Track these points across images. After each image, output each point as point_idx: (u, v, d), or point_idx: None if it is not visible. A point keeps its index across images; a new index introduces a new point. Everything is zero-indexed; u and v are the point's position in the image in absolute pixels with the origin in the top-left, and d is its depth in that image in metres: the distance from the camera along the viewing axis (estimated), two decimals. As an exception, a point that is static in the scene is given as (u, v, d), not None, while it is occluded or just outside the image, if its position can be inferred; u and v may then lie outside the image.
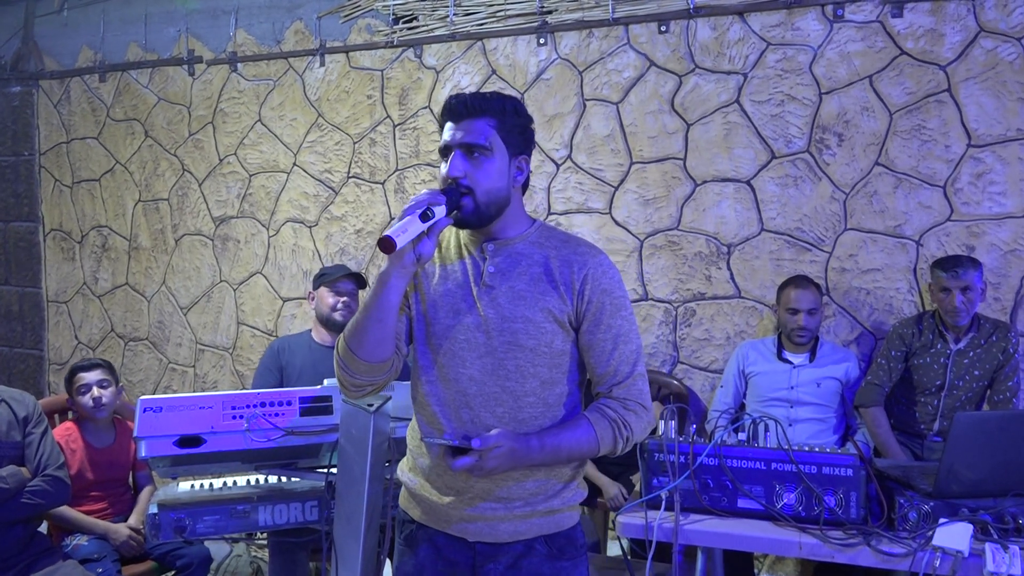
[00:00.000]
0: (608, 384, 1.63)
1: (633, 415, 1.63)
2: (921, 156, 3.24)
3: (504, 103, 1.61)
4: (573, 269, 1.61)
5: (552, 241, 1.66)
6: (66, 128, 4.67)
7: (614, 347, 1.62)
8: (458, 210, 1.56)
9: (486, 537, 1.63)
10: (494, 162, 1.59)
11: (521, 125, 1.63)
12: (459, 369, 1.61)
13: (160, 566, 2.96)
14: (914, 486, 2.19)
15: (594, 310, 1.61)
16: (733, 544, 2.21)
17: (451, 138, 1.59)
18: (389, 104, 4.00)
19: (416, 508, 1.71)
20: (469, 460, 1.50)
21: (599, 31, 3.63)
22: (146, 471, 3.19)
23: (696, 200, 3.53)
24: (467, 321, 1.61)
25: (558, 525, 1.67)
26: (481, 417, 1.60)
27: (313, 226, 4.17)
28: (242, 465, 2.36)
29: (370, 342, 1.57)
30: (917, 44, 3.23)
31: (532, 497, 1.63)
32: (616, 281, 1.64)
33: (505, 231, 1.66)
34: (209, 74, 4.34)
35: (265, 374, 3.14)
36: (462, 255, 1.67)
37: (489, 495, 1.61)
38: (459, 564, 1.65)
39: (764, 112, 3.42)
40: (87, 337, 4.69)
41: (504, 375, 1.59)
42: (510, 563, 1.63)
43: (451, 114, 1.61)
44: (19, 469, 2.53)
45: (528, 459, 1.56)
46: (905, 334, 3.07)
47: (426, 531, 1.69)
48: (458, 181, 1.56)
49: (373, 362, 1.59)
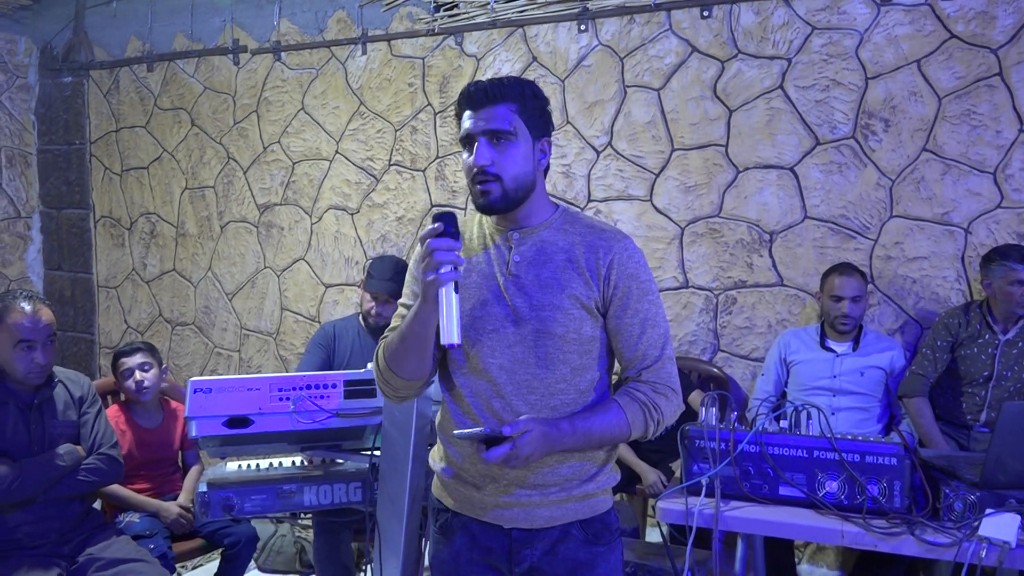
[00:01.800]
0: (637, 368, 1.63)
1: (663, 398, 1.62)
2: (971, 142, 3.18)
3: (523, 87, 1.61)
4: (598, 255, 1.61)
5: (576, 227, 1.66)
6: (115, 117, 4.78)
7: (642, 331, 1.62)
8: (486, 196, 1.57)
9: (522, 523, 1.63)
10: (519, 147, 1.58)
11: (540, 107, 1.63)
12: (489, 359, 1.60)
13: (209, 543, 3.04)
14: (960, 476, 2.17)
15: (621, 295, 1.61)
16: (774, 531, 2.21)
17: (473, 126, 1.58)
18: (430, 92, 4.02)
19: (450, 497, 1.71)
20: (503, 450, 1.48)
21: (640, 17, 3.61)
22: (194, 450, 3.27)
23: (738, 187, 3.50)
24: (495, 311, 1.61)
25: (593, 509, 1.66)
26: (513, 405, 1.59)
27: (355, 213, 4.22)
28: (289, 446, 2.41)
29: (410, 365, 1.59)
30: (967, 27, 3.16)
31: (567, 482, 1.63)
32: (642, 265, 1.63)
33: (530, 218, 1.65)
34: (253, 63, 4.40)
35: (314, 350, 3.20)
36: (486, 245, 1.67)
37: (523, 482, 1.61)
38: (495, 551, 1.65)
39: (808, 98, 3.37)
40: (136, 322, 4.81)
41: (534, 363, 1.59)
42: (546, 549, 1.63)
43: (471, 102, 1.59)
44: (75, 447, 2.61)
45: (561, 443, 1.55)
46: (952, 324, 3.02)
47: (460, 519, 1.69)
48: (485, 169, 1.56)
49: (412, 380, 1.62)
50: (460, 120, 1.62)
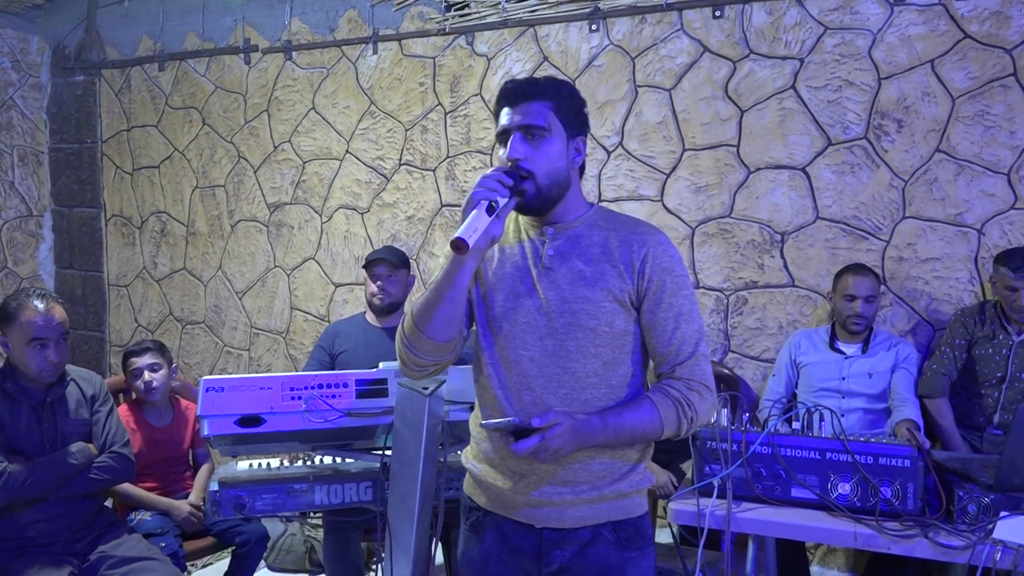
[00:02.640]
0: (670, 364, 1.61)
1: (697, 395, 1.59)
2: (984, 142, 3.16)
3: (559, 86, 1.62)
4: (633, 248, 1.60)
5: (611, 222, 1.66)
6: (127, 116, 4.80)
7: (675, 326, 1.60)
8: (520, 195, 1.57)
9: (553, 523, 1.62)
10: (553, 143, 1.59)
11: (576, 107, 1.64)
12: (520, 351, 1.61)
13: (219, 542, 3.05)
14: (974, 478, 2.16)
15: (655, 289, 1.59)
16: (786, 533, 2.20)
17: (509, 122, 1.59)
18: (441, 91, 4.02)
19: (481, 495, 1.71)
20: (532, 442, 1.48)
21: (652, 17, 3.60)
22: (204, 449, 3.27)
23: (749, 187, 3.49)
24: (527, 303, 1.61)
25: (626, 511, 1.64)
26: (543, 399, 1.59)
27: (365, 213, 4.22)
28: (300, 445, 2.41)
29: (439, 321, 1.59)
30: (982, 27, 3.14)
31: (599, 480, 1.61)
32: (676, 260, 1.62)
33: (565, 215, 1.65)
34: (264, 62, 4.41)
35: (315, 352, 3.25)
36: (520, 238, 1.67)
37: (554, 478, 1.60)
38: (525, 550, 1.64)
39: (821, 98, 3.36)
40: (146, 320, 4.83)
41: (565, 356, 1.58)
42: (577, 550, 1.62)
43: (507, 99, 1.61)
44: (87, 446, 2.62)
45: (592, 438, 1.54)
46: (968, 322, 3.01)
47: (492, 518, 1.68)
48: (519, 163, 1.56)
49: (440, 341, 1.61)
50: (497, 118, 1.63)
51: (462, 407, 2.33)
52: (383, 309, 3.20)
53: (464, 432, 2.43)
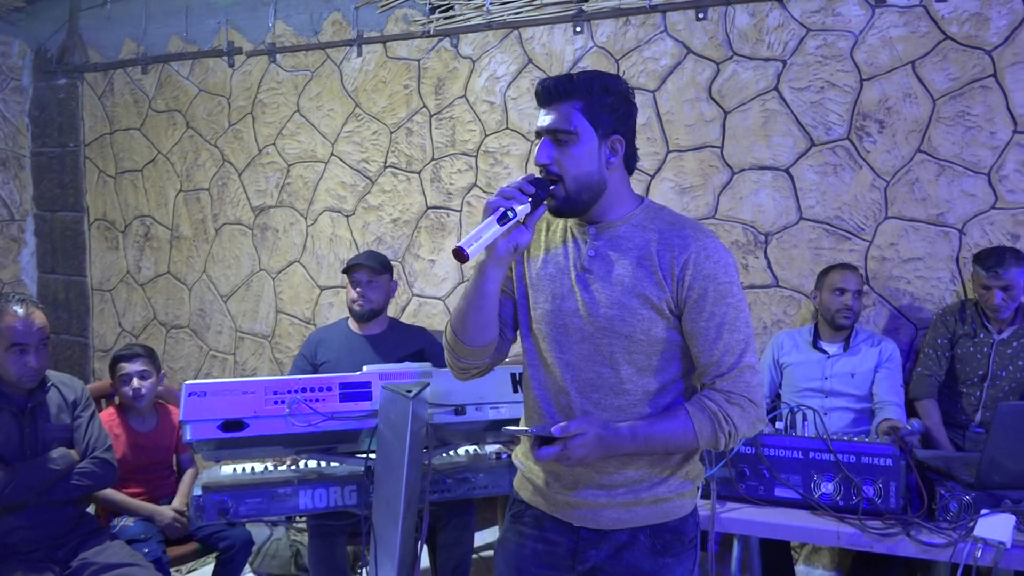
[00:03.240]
0: (712, 375, 1.55)
1: (737, 409, 1.52)
2: (965, 143, 3.18)
3: (591, 83, 1.55)
4: (673, 253, 1.54)
5: (656, 223, 1.59)
6: (110, 119, 4.77)
7: (717, 336, 1.53)
8: (551, 199, 1.55)
9: (589, 523, 1.62)
10: (581, 146, 1.54)
11: (612, 103, 1.56)
12: (557, 354, 1.60)
13: (204, 547, 3.03)
14: (955, 477, 2.17)
15: (695, 297, 1.53)
16: (770, 532, 2.21)
17: (540, 124, 1.57)
18: (425, 94, 4.02)
19: (526, 489, 1.72)
20: (554, 450, 1.47)
21: (636, 19, 3.61)
22: (189, 454, 3.26)
23: (733, 188, 3.50)
24: (565, 306, 1.60)
25: (665, 515, 1.62)
26: (577, 403, 1.58)
27: (350, 215, 4.21)
28: (284, 449, 2.41)
29: (472, 328, 1.60)
30: (962, 29, 3.17)
31: (636, 484, 1.60)
32: (722, 266, 1.54)
33: (606, 214, 1.61)
34: (248, 65, 4.39)
35: (299, 362, 3.22)
36: (566, 238, 1.65)
37: (591, 482, 1.60)
38: (560, 545, 1.65)
39: (803, 99, 3.38)
40: (130, 325, 4.80)
41: (600, 361, 1.57)
42: (611, 552, 1.61)
43: (539, 99, 1.59)
44: (68, 451, 2.60)
45: (619, 447, 1.51)
46: (948, 321, 3.03)
47: (533, 512, 1.70)
48: (547, 168, 1.55)
49: (475, 346, 1.62)
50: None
51: (446, 409, 2.34)
52: (363, 316, 3.15)
53: (448, 435, 2.45)
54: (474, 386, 2.34)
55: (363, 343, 3.15)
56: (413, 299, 4.10)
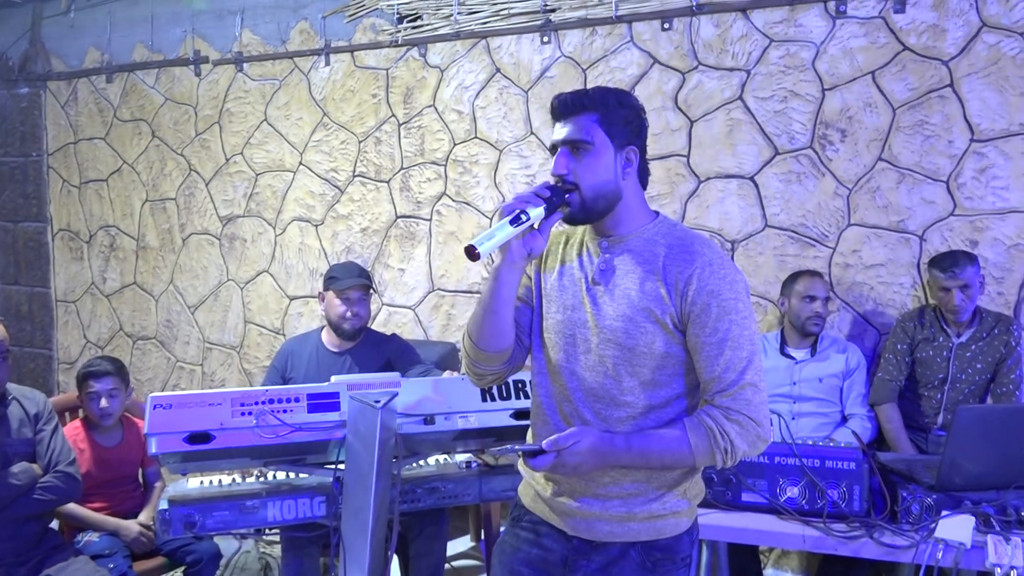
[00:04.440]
0: (713, 391, 1.55)
1: (736, 426, 1.51)
2: (924, 151, 3.25)
3: (607, 96, 1.59)
4: (679, 268, 1.55)
5: (668, 238, 1.61)
6: (74, 129, 4.71)
7: (719, 352, 1.53)
8: (566, 206, 1.57)
9: (583, 533, 1.64)
10: (598, 157, 1.57)
11: (626, 116, 1.60)
12: (564, 363, 1.63)
13: (170, 562, 2.99)
14: (917, 479, 2.21)
15: (699, 312, 1.53)
16: (736, 537, 2.23)
17: (557, 136, 1.60)
18: (394, 103, 4.02)
19: (528, 495, 1.76)
20: (547, 460, 1.50)
21: (602, 29, 3.65)
22: (155, 468, 3.21)
23: (700, 197, 3.54)
24: (575, 317, 1.63)
25: (658, 532, 1.62)
26: (580, 412, 1.61)
27: (319, 225, 4.19)
28: (251, 461, 2.39)
29: (486, 334, 1.63)
30: (919, 40, 3.24)
31: (631, 498, 1.61)
32: (727, 282, 1.54)
33: (619, 227, 1.63)
34: (215, 74, 4.36)
35: (271, 373, 3.17)
36: (580, 251, 1.68)
37: (587, 491, 1.62)
38: (554, 552, 1.68)
39: (767, 108, 3.43)
40: (96, 336, 4.73)
41: (603, 372, 1.59)
42: (602, 565, 1.63)
43: (556, 113, 1.62)
44: (31, 466, 2.56)
45: (615, 459, 1.53)
46: (908, 327, 3.09)
47: (532, 517, 1.74)
48: (564, 178, 1.57)
49: (491, 352, 1.65)
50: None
51: (415, 419, 2.33)
52: (354, 333, 3.07)
53: (417, 444, 2.44)
54: (443, 395, 2.37)
55: (334, 361, 3.08)
56: (383, 308, 4.09)
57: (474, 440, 2.47)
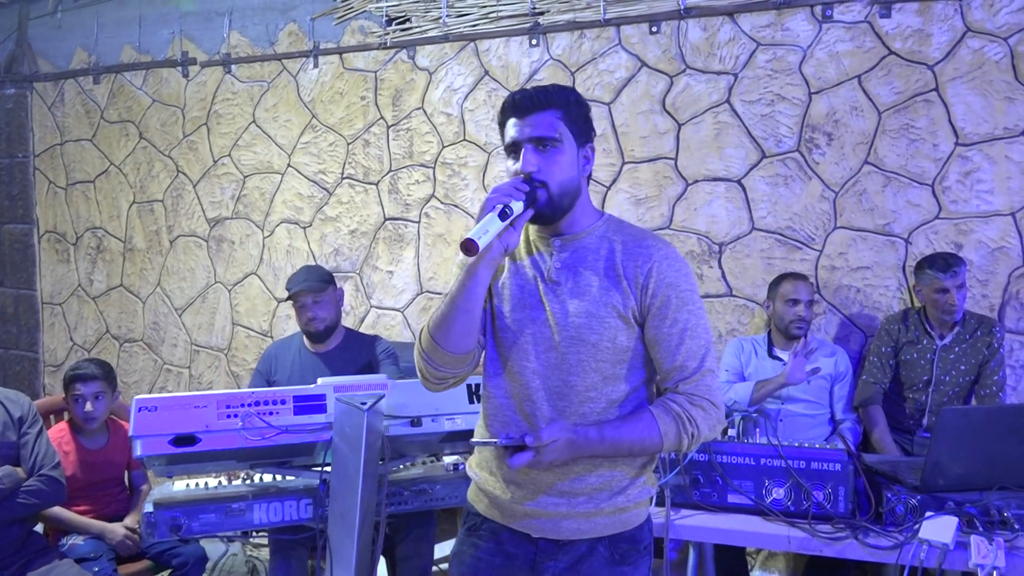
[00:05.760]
0: (675, 380, 1.60)
1: (700, 411, 1.57)
2: (909, 155, 3.27)
3: (567, 93, 1.60)
4: (638, 263, 1.59)
5: (619, 235, 1.64)
6: (60, 130, 4.68)
7: (680, 341, 1.58)
8: (533, 203, 1.56)
9: (549, 534, 1.63)
10: (564, 154, 1.58)
11: (584, 114, 1.62)
12: (523, 363, 1.62)
13: (156, 565, 2.97)
14: (901, 480, 2.22)
15: (659, 304, 1.58)
16: (723, 539, 2.24)
17: (519, 133, 1.58)
18: (383, 105, 4.02)
19: (482, 502, 1.72)
20: (526, 457, 1.50)
21: (591, 32, 3.66)
22: (141, 471, 3.20)
23: (687, 199, 3.56)
24: (533, 316, 1.62)
25: (624, 524, 1.64)
26: (543, 410, 1.60)
27: (307, 227, 4.18)
28: (237, 464, 2.38)
29: (456, 333, 1.58)
30: (905, 44, 3.27)
31: (596, 492, 1.61)
32: (683, 274, 1.60)
33: (573, 226, 1.64)
34: (203, 76, 4.35)
35: (256, 378, 3.20)
36: (531, 251, 1.67)
37: (550, 488, 1.61)
38: (519, 558, 1.65)
39: (754, 112, 3.45)
40: (82, 339, 4.70)
41: (566, 370, 1.59)
42: (570, 564, 1.62)
43: (516, 110, 1.59)
44: (14, 469, 2.54)
45: (588, 450, 1.55)
46: (892, 330, 3.11)
47: (490, 525, 1.69)
48: (532, 176, 1.56)
49: (458, 353, 1.60)
50: (503, 128, 1.62)
51: (402, 421, 2.33)
52: (321, 335, 3.11)
53: (404, 446, 2.44)
54: (430, 397, 2.36)
55: (316, 363, 3.11)
56: (372, 311, 4.09)
57: (461, 442, 2.47)
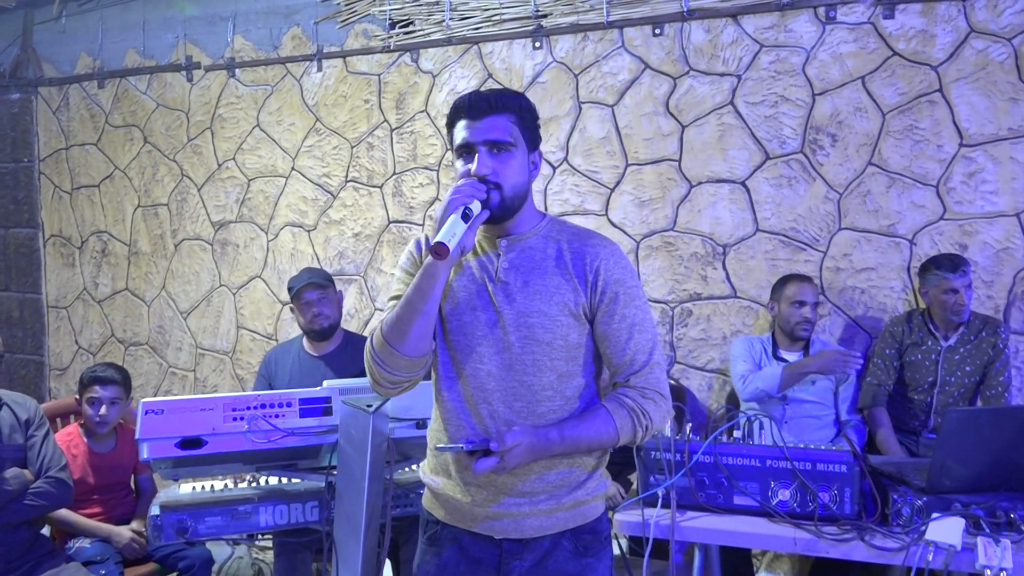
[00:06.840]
0: (625, 374, 1.63)
1: (652, 403, 1.62)
2: (914, 156, 3.27)
3: (520, 99, 1.63)
4: (586, 260, 1.62)
5: (564, 234, 1.67)
6: (65, 134, 4.70)
7: (629, 336, 1.62)
8: (487, 205, 1.56)
9: (512, 534, 1.64)
10: (517, 157, 1.60)
11: (534, 120, 1.66)
12: (477, 365, 1.62)
13: (162, 568, 2.98)
14: (907, 482, 2.22)
15: (608, 300, 1.62)
16: (728, 540, 2.23)
17: (472, 136, 1.58)
18: (386, 108, 4.03)
19: (440, 508, 1.71)
20: (492, 461, 1.51)
21: (594, 34, 3.66)
22: (147, 474, 3.21)
23: (691, 201, 3.56)
24: (483, 317, 1.62)
25: (584, 517, 1.67)
26: (499, 412, 1.60)
27: (312, 230, 4.19)
28: (243, 466, 2.38)
29: (414, 336, 1.57)
30: (909, 45, 3.26)
31: (556, 489, 1.63)
32: (629, 271, 1.65)
33: (519, 227, 1.66)
34: (207, 80, 4.36)
35: (259, 382, 3.23)
36: (476, 252, 1.68)
37: (511, 489, 1.62)
38: (484, 562, 1.66)
39: (758, 113, 3.45)
40: (87, 342, 4.71)
41: (521, 370, 1.60)
42: (536, 560, 1.64)
43: (470, 112, 1.59)
44: (22, 471, 2.55)
45: (549, 451, 1.57)
46: (896, 331, 3.11)
47: (451, 531, 1.69)
48: (486, 178, 1.56)
49: (415, 357, 1.59)
50: (453, 129, 1.62)
51: (408, 423, 2.33)
52: (325, 333, 3.11)
53: (410, 449, 2.44)
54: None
55: (317, 365, 3.12)
56: (376, 314, 4.09)
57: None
